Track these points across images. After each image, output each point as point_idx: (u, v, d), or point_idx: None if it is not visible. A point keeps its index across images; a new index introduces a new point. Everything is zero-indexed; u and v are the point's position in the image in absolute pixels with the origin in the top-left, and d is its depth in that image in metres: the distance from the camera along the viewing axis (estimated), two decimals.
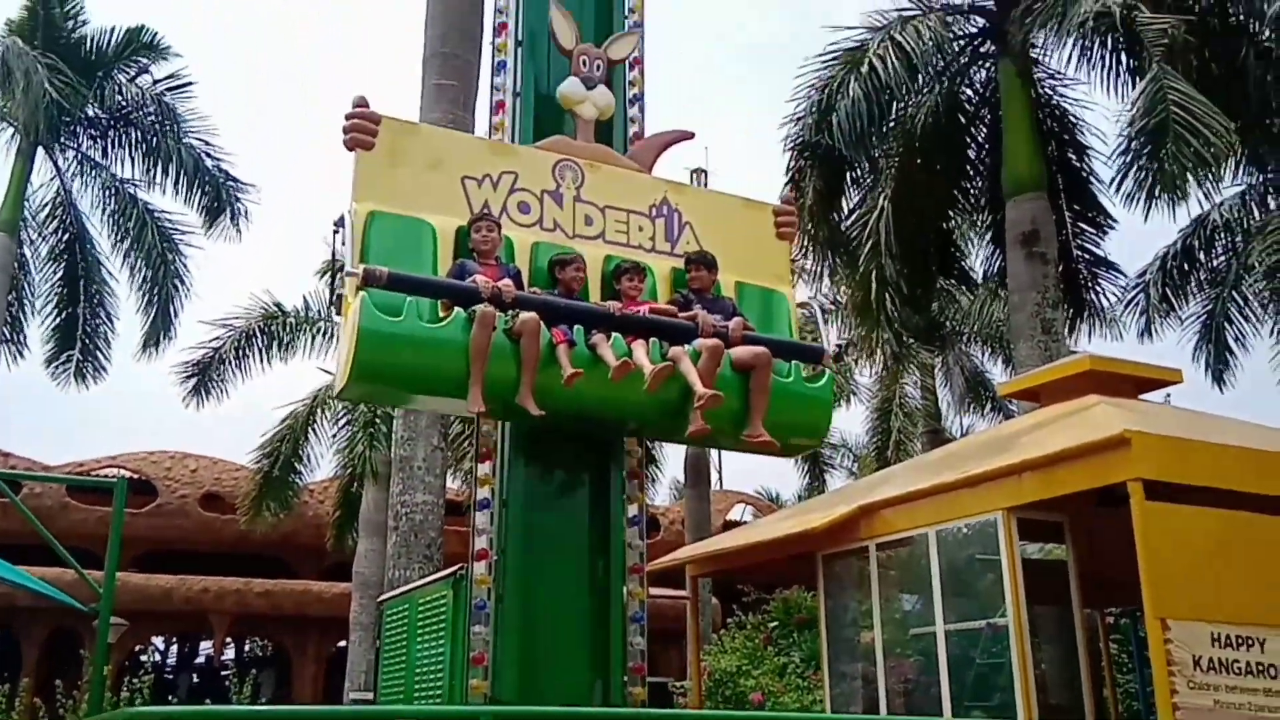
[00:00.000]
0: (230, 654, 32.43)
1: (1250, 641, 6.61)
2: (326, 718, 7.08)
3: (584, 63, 7.52)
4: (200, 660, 33.07)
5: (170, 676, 26.19)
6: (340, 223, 6.49)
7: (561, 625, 6.64)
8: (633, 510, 7.06)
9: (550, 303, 6.49)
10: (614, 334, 6.52)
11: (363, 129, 6.70)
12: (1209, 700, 6.35)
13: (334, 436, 22.03)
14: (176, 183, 19.88)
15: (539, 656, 6.54)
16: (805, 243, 15.74)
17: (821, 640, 9.46)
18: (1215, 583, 6.67)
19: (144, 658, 28.12)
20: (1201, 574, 6.66)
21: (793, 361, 7.05)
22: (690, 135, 8.08)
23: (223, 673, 27.18)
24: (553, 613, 6.63)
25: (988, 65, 15.73)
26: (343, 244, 6.40)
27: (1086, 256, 16.22)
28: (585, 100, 7.51)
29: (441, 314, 6.26)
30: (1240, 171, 16.85)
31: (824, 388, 7.16)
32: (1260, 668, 6.60)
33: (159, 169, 19.73)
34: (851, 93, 13.79)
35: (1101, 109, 29.03)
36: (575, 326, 6.47)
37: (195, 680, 30.68)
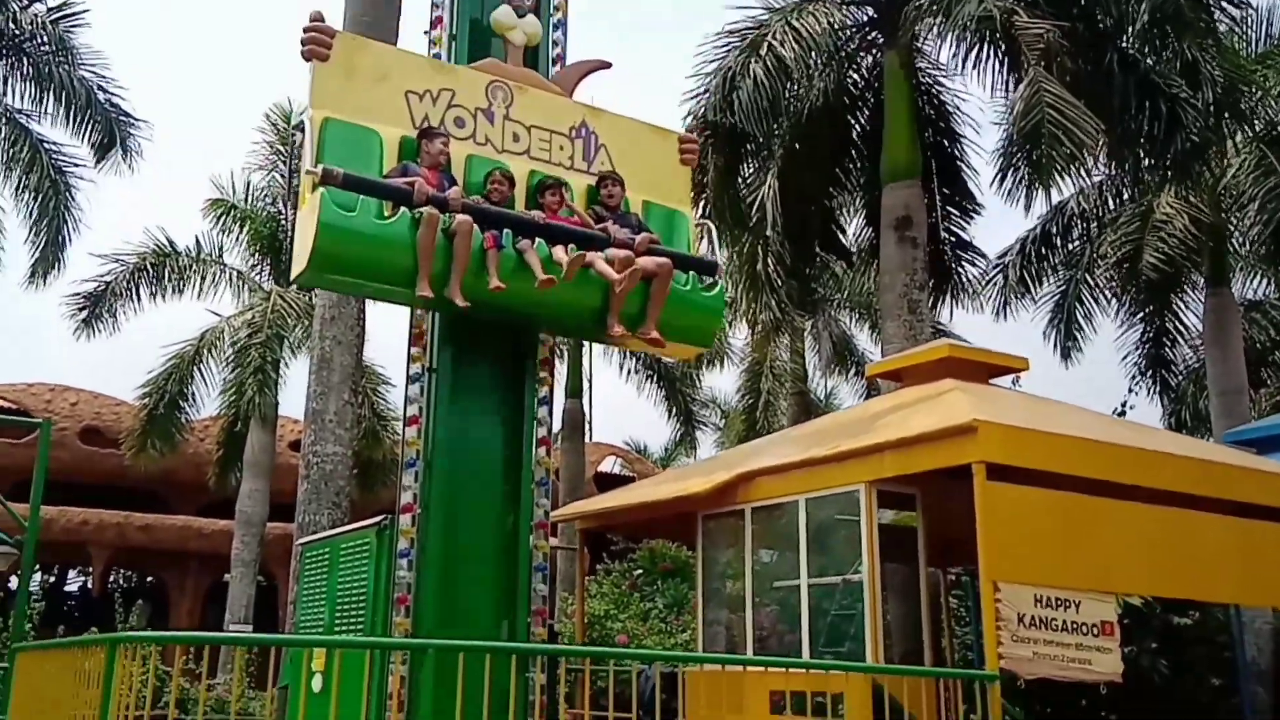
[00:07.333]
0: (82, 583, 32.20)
1: (1068, 603, 7.59)
2: (313, 644, 7.69)
3: None
4: (71, 590, 32.78)
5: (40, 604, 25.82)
6: (300, 128, 7.19)
7: (475, 573, 7.41)
8: (540, 474, 7.85)
9: (486, 210, 7.34)
10: (539, 240, 7.41)
11: (319, 41, 7.37)
12: (1029, 651, 7.33)
13: (223, 379, 22.16)
14: (68, 115, 19.51)
15: (455, 600, 7.28)
16: (707, 215, 16.34)
17: (698, 590, 10.30)
18: (1042, 552, 7.60)
19: (12, 585, 27.77)
20: (1030, 544, 7.57)
21: (690, 272, 8.06)
22: (608, 65, 8.97)
23: (102, 603, 27.02)
24: (468, 562, 7.40)
25: (875, 52, 16.38)
26: (300, 146, 7.15)
27: (953, 239, 17.01)
28: (516, 27, 8.30)
29: (387, 213, 7.04)
30: (1099, 165, 17.99)
31: (715, 297, 8.23)
32: (1074, 625, 7.61)
33: (50, 100, 19.33)
34: (753, 74, 14.45)
35: (976, 99, 30.44)
36: (505, 231, 7.33)
37: (75, 611, 30.49)
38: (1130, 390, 20.98)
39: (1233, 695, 10.79)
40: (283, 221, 23.18)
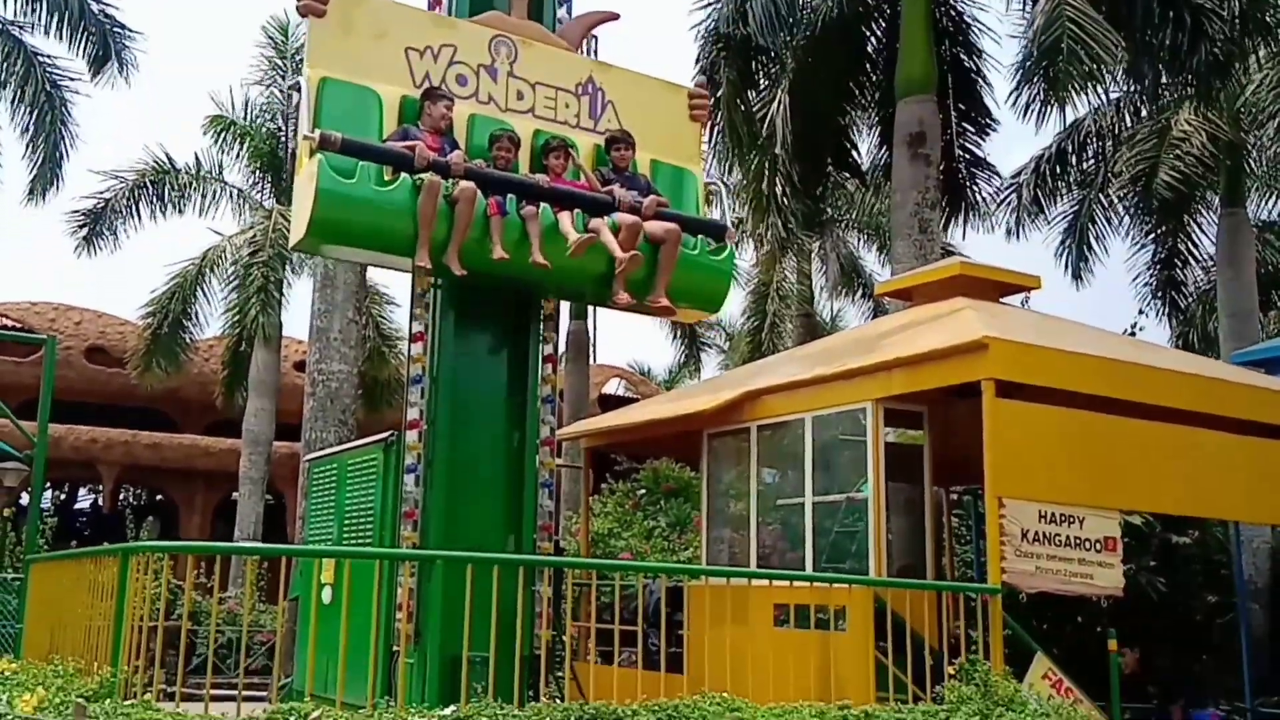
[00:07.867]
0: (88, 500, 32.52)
1: (1072, 519, 7.64)
2: (324, 555, 7.76)
3: None
4: (83, 507, 33.14)
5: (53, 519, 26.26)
6: (296, 87, 7.03)
7: (482, 488, 7.44)
8: (546, 391, 7.84)
9: (489, 174, 7.15)
10: (543, 204, 7.23)
11: None
12: (1031, 566, 7.39)
13: (224, 299, 22.09)
14: (61, 27, 19.10)
15: (462, 514, 7.31)
16: (718, 134, 16.04)
17: (702, 508, 10.33)
18: (1048, 469, 7.62)
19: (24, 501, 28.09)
20: (1037, 461, 7.59)
21: (698, 235, 7.86)
22: (615, 16, 8.62)
23: (112, 519, 27.38)
24: (474, 477, 7.42)
25: None
26: (296, 107, 6.99)
27: (967, 157, 16.70)
28: None
29: (387, 177, 6.86)
30: (1117, 81, 17.52)
31: (725, 260, 8.07)
32: (1077, 540, 7.67)
33: (43, 11, 18.90)
34: None
35: (994, 10, 29.82)
36: (509, 196, 7.17)
37: (86, 527, 30.88)
38: (1140, 312, 20.83)
39: (1228, 612, 10.89)
40: (282, 139, 22.91)
